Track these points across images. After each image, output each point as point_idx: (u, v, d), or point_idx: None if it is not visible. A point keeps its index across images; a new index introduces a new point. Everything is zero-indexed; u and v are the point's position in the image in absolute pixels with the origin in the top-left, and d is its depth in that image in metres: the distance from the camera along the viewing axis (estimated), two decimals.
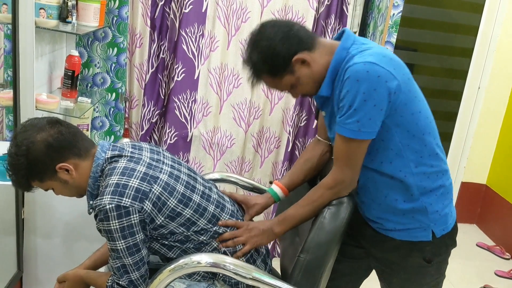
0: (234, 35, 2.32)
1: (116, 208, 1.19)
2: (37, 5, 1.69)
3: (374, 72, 1.19)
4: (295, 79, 1.30)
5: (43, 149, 1.24)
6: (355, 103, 1.21)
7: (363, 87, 1.19)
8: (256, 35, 1.31)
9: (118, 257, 1.23)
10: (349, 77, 1.21)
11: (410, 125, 1.28)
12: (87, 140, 1.34)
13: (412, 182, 1.31)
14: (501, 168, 3.30)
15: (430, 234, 1.35)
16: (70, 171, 1.28)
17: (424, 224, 1.34)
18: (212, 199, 1.37)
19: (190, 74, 2.33)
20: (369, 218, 1.42)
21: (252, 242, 1.35)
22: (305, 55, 1.28)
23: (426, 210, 1.33)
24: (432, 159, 1.32)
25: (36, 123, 1.28)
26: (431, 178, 1.33)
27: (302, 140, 2.54)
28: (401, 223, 1.35)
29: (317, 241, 1.29)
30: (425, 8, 3.22)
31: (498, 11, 3.09)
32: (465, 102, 3.28)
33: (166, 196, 1.26)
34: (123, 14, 2.16)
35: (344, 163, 1.30)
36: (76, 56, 1.92)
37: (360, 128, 1.23)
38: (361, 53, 1.25)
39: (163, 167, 1.32)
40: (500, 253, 3.08)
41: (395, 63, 1.25)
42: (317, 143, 1.56)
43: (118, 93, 2.26)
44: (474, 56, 3.20)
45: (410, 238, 1.36)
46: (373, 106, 1.20)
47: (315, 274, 1.29)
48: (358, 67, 1.20)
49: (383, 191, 1.35)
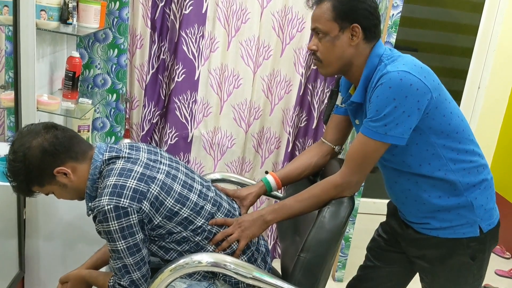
0: (234, 36, 2.33)
1: (115, 209, 1.20)
2: (38, 6, 1.70)
3: (407, 80, 1.22)
4: (335, 35, 1.31)
5: (39, 154, 1.25)
6: (385, 109, 1.23)
7: (395, 94, 1.22)
8: None
9: (119, 258, 1.24)
10: (382, 84, 1.24)
11: (443, 126, 1.30)
12: (84, 143, 1.34)
13: (454, 178, 1.33)
14: (501, 168, 3.30)
15: (478, 230, 1.36)
16: (68, 175, 1.29)
17: (471, 219, 1.36)
18: (209, 198, 1.38)
19: (191, 75, 2.34)
20: (412, 221, 1.44)
21: (245, 236, 1.34)
22: (357, 28, 1.31)
23: (472, 205, 1.35)
24: (469, 155, 1.35)
25: (32, 129, 1.29)
26: (472, 173, 1.35)
27: (302, 141, 2.55)
28: (447, 220, 1.36)
29: (318, 240, 1.30)
30: (425, 8, 3.23)
31: (498, 10, 3.09)
32: (465, 102, 3.28)
33: (164, 196, 1.27)
34: (124, 16, 2.17)
35: (357, 164, 1.32)
36: (77, 57, 1.92)
37: (387, 132, 1.25)
38: (393, 62, 1.28)
39: (160, 167, 1.33)
40: (500, 252, 3.09)
41: (425, 71, 1.28)
42: (321, 145, 1.57)
43: (119, 94, 2.27)
44: (474, 56, 3.20)
45: (456, 235, 1.37)
46: (402, 112, 1.23)
47: (316, 273, 1.29)
48: (392, 75, 1.23)
49: (426, 191, 1.36)
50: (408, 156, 1.32)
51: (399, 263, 1.56)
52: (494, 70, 3.18)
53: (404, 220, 1.47)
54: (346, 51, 1.32)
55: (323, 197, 1.35)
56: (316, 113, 2.49)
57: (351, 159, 1.33)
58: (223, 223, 1.36)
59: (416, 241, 1.44)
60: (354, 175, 1.33)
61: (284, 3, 2.33)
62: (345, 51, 1.32)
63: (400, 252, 1.53)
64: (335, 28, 1.31)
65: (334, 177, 1.35)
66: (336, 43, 1.32)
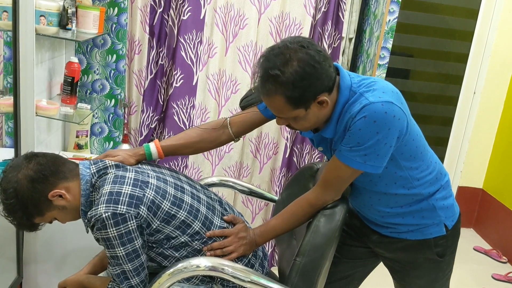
0: (232, 42, 2.34)
1: (113, 216, 1.20)
2: (37, 12, 1.71)
3: (391, 112, 1.19)
4: (304, 114, 1.23)
5: (28, 184, 1.24)
6: (367, 142, 1.21)
7: (379, 128, 1.19)
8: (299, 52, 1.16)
9: (117, 264, 1.24)
10: (365, 117, 1.19)
11: (412, 150, 1.31)
12: (69, 162, 1.34)
13: (417, 191, 1.36)
14: (497, 172, 3.32)
15: (444, 228, 1.39)
16: (63, 196, 1.28)
17: (437, 219, 1.38)
18: (202, 200, 1.39)
19: (189, 80, 2.35)
20: (376, 229, 1.45)
21: (239, 251, 1.37)
22: (326, 96, 1.22)
23: (434, 207, 1.37)
24: (429, 167, 1.37)
25: (14, 164, 1.29)
26: (433, 183, 1.38)
27: (300, 146, 2.56)
28: (413, 225, 1.39)
29: (313, 244, 1.31)
30: (421, 14, 3.25)
31: (493, 16, 3.13)
32: (461, 107, 3.31)
33: (160, 199, 1.28)
34: (122, 21, 2.18)
35: (331, 186, 1.34)
36: (76, 62, 1.93)
37: (366, 161, 1.24)
38: (370, 90, 1.22)
39: (148, 172, 1.34)
40: (497, 256, 3.10)
41: (399, 95, 1.26)
42: (223, 131, 1.48)
43: (117, 99, 2.28)
44: (470, 61, 3.23)
45: (424, 237, 1.39)
46: (384, 144, 1.22)
47: (312, 276, 1.30)
48: (376, 107, 1.18)
49: (388, 205, 1.38)
50: (376, 177, 1.33)
51: (363, 257, 1.56)
52: (489, 75, 3.21)
53: (368, 225, 1.48)
54: (320, 115, 1.25)
55: (302, 215, 1.37)
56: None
57: (326, 181, 1.34)
58: (221, 234, 1.37)
59: (383, 243, 1.46)
60: (328, 195, 1.35)
61: (282, 9, 2.35)
62: (319, 116, 1.25)
63: (364, 247, 1.53)
64: (301, 111, 1.21)
65: (309, 197, 1.36)
66: (308, 118, 1.24)
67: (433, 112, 3.47)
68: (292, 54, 1.16)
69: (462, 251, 3.12)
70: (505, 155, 3.24)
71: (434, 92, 3.45)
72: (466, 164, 3.36)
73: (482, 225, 3.39)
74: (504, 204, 3.17)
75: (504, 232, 3.17)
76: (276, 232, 1.40)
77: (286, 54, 1.16)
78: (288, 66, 1.15)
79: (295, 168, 2.58)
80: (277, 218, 1.40)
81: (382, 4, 2.29)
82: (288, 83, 1.16)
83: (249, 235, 1.39)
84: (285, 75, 1.15)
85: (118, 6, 2.15)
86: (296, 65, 1.15)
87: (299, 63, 1.15)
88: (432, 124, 3.45)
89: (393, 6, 2.22)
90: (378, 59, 2.32)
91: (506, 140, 3.25)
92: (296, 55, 1.16)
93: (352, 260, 1.57)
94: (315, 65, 1.16)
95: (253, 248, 1.40)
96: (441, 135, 3.40)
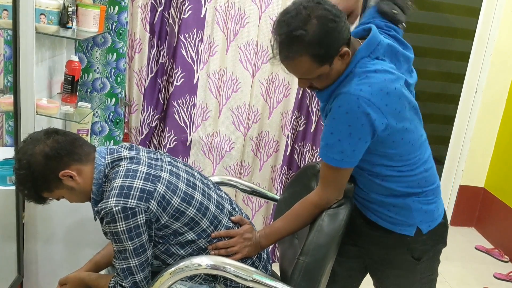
0: (233, 40, 2.34)
1: (123, 210, 1.20)
2: (37, 10, 1.70)
3: (363, 109, 1.18)
4: (328, 71, 1.22)
5: (42, 159, 1.27)
6: (339, 134, 1.21)
7: (350, 121, 1.19)
8: (320, 9, 1.16)
9: (124, 258, 1.25)
10: (339, 106, 1.20)
11: (388, 151, 1.29)
12: (87, 145, 1.35)
13: (390, 186, 1.34)
14: (499, 171, 3.31)
15: (414, 230, 1.37)
16: (74, 177, 1.30)
17: (410, 220, 1.36)
18: (212, 198, 1.38)
19: (189, 79, 2.34)
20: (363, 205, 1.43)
21: (244, 252, 1.37)
22: (347, 51, 1.21)
23: (410, 208, 1.35)
24: (414, 171, 1.34)
25: (33, 136, 1.31)
26: (412, 186, 1.35)
27: (301, 144, 2.56)
28: (387, 216, 1.38)
29: (316, 243, 1.30)
30: (422, 13, 3.25)
31: (494, 15, 3.12)
32: (462, 106, 3.30)
33: (170, 194, 1.28)
34: (123, 20, 2.18)
35: (329, 185, 1.34)
36: (76, 61, 1.93)
37: (344, 158, 1.25)
38: (362, 77, 1.21)
39: (163, 165, 1.34)
40: (498, 256, 3.09)
41: (390, 97, 1.22)
42: None
43: (118, 98, 2.27)
44: (471, 60, 3.22)
45: (396, 230, 1.38)
46: (358, 139, 1.22)
47: (315, 276, 1.29)
48: (351, 99, 1.18)
49: (366, 187, 1.38)
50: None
51: (354, 257, 1.54)
52: (491, 73, 3.20)
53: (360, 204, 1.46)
54: (341, 68, 1.25)
55: (307, 216, 1.37)
56: (314, 116, 2.50)
57: (323, 181, 1.35)
58: (226, 235, 1.37)
59: (365, 232, 1.44)
60: (330, 194, 1.34)
61: (283, 6, 2.32)
62: (340, 70, 1.25)
63: (354, 245, 1.52)
64: (326, 68, 1.21)
65: (313, 197, 1.36)
66: (331, 73, 1.24)
67: (435, 110, 3.47)
68: (310, 12, 1.16)
69: (464, 250, 3.13)
70: (507, 154, 3.24)
71: (435, 90, 3.44)
72: (467, 162, 3.36)
73: (484, 224, 3.38)
74: (506, 203, 3.16)
75: (506, 231, 3.16)
76: (281, 234, 1.40)
77: (304, 14, 1.16)
78: (310, 25, 1.15)
79: (296, 166, 2.57)
80: (282, 220, 1.39)
81: None
82: (314, 41, 1.15)
83: (255, 237, 1.39)
84: (310, 34, 1.15)
85: (118, 5, 2.15)
86: (317, 22, 1.15)
87: (320, 20, 1.15)
88: (433, 123, 3.44)
89: None
90: None
91: (508, 139, 3.24)
92: (314, 12, 1.16)
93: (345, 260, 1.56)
94: (335, 19, 1.17)
95: (257, 250, 1.40)
96: (442, 133, 3.39)
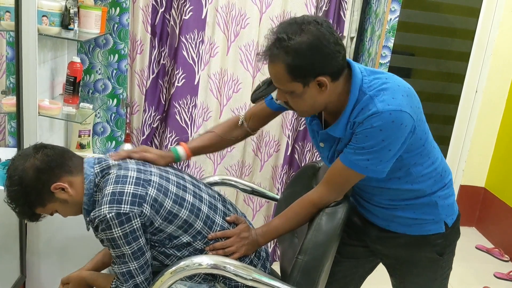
0: (234, 41, 2.35)
1: (117, 216, 1.21)
2: (39, 12, 1.71)
3: (398, 121, 1.19)
4: (301, 91, 1.21)
5: (34, 173, 1.26)
6: (372, 148, 1.22)
7: (385, 136, 1.20)
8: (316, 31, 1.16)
9: (123, 263, 1.25)
10: (372, 126, 1.19)
11: (418, 148, 1.31)
12: (75, 157, 1.35)
13: (419, 187, 1.35)
14: (499, 171, 3.31)
15: (443, 226, 1.39)
16: (66, 189, 1.29)
17: (437, 217, 1.38)
18: (204, 200, 1.39)
19: (190, 80, 2.36)
20: (376, 221, 1.44)
21: (241, 251, 1.37)
22: (328, 81, 1.20)
23: (436, 204, 1.37)
24: (436, 164, 1.37)
25: (23, 153, 1.31)
26: (438, 181, 1.37)
27: (301, 144, 2.57)
28: (413, 219, 1.38)
29: (315, 242, 1.31)
30: (422, 13, 3.26)
31: (494, 15, 3.12)
32: (462, 106, 3.30)
33: (162, 197, 1.29)
34: (124, 21, 2.19)
35: (335, 187, 1.34)
36: (78, 62, 1.94)
37: (368, 166, 1.25)
38: (380, 94, 1.20)
39: (152, 170, 1.35)
40: (499, 255, 3.10)
41: (410, 99, 1.24)
42: (239, 127, 1.54)
43: (119, 99, 2.29)
44: (471, 60, 3.22)
45: (423, 233, 1.39)
46: (388, 151, 1.22)
47: (314, 274, 1.30)
48: (384, 117, 1.18)
49: (389, 199, 1.38)
50: None
51: (362, 256, 1.56)
52: (491, 74, 3.21)
53: (367, 219, 1.47)
54: (318, 99, 1.24)
55: (303, 214, 1.37)
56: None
57: (329, 182, 1.34)
58: (223, 235, 1.37)
59: (382, 239, 1.45)
60: (331, 195, 1.35)
61: (283, 8, 2.35)
62: (316, 100, 1.24)
63: (362, 246, 1.53)
64: (298, 86, 1.20)
65: (312, 196, 1.36)
66: (304, 97, 1.22)
67: (435, 110, 3.48)
68: (305, 26, 1.17)
69: (464, 249, 3.13)
70: (507, 154, 3.24)
71: (435, 90, 3.45)
72: (468, 162, 3.36)
73: (484, 223, 3.39)
74: (506, 202, 3.16)
75: (506, 231, 3.17)
76: (278, 232, 1.40)
77: (300, 25, 1.17)
78: (297, 35, 1.16)
79: (296, 166, 2.58)
80: (280, 218, 1.40)
81: (384, 2, 2.30)
82: (292, 49, 1.16)
83: (251, 235, 1.39)
84: (291, 41, 1.16)
85: (120, 6, 2.16)
86: (305, 36, 1.16)
87: (308, 35, 1.16)
88: (433, 123, 3.43)
89: (394, 5, 2.22)
90: (379, 58, 2.32)
91: (508, 139, 3.24)
92: (308, 28, 1.17)
93: (350, 260, 1.57)
94: (323, 42, 1.16)
95: (255, 248, 1.40)
96: (443, 133, 3.40)
